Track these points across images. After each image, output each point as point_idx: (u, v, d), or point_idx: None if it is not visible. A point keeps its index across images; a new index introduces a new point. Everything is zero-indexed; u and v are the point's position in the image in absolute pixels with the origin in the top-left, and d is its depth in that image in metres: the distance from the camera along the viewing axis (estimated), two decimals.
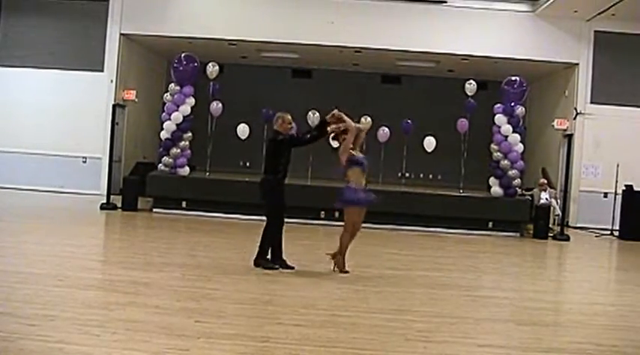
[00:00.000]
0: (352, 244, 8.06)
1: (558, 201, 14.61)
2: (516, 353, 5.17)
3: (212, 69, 14.74)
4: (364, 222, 8.00)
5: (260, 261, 7.87)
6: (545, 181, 14.86)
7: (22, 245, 8.71)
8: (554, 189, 15.32)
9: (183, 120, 13.60)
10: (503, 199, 13.64)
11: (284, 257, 7.95)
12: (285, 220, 8.05)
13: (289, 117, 8.11)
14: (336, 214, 8.13)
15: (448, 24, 16.01)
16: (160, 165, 13.85)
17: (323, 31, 15.96)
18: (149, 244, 9.77)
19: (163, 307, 5.78)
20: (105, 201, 13.54)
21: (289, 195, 13.62)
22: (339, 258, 7.86)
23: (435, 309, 6.49)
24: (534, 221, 13.50)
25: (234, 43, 16.76)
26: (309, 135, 8.08)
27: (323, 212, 12.59)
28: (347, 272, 7.83)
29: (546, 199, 14.09)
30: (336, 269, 7.85)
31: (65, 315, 5.27)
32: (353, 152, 7.79)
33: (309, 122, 15.72)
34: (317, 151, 13.78)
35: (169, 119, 13.61)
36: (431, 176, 20.06)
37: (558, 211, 14.20)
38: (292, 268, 7.85)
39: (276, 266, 7.81)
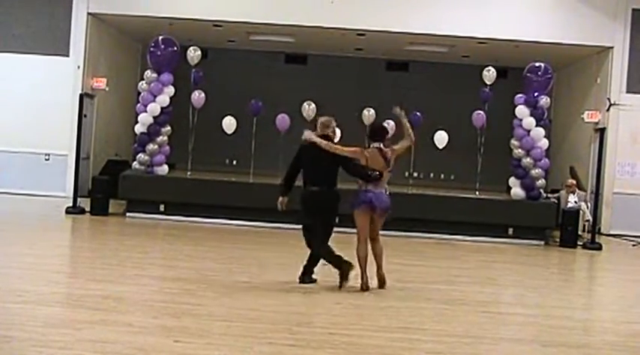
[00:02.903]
0: (351, 252, 8.07)
1: (589, 204, 14.63)
2: None
3: (194, 54, 14.73)
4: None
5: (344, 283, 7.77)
6: (574, 182, 14.89)
7: None
8: (585, 190, 15.34)
9: (161, 112, 13.59)
10: (526, 202, 13.65)
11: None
12: (280, 225, 8.12)
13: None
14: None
15: (463, 3, 15.98)
16: (135, 163, 13.84)
17: (321, 11, 15.93)
18: (122, 253, 9.75)
19: (138, 325, 5.77)
20: (71, 204, 13.51)
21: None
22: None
23: (448, 328, 6.49)
24: (561, 227, 13.51)
25: (220, 24, 16.73)
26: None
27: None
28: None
29: (575, 202, 14.12)
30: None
31: (24, 336, 5.26)
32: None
33: (305, 114, 15.71)
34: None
35: (145, 111, 13.60)
36: (443, 176, 20.08)
37: (588, 216, 14.22)
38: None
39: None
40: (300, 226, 7.99)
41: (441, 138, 16.14)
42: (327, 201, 7.82)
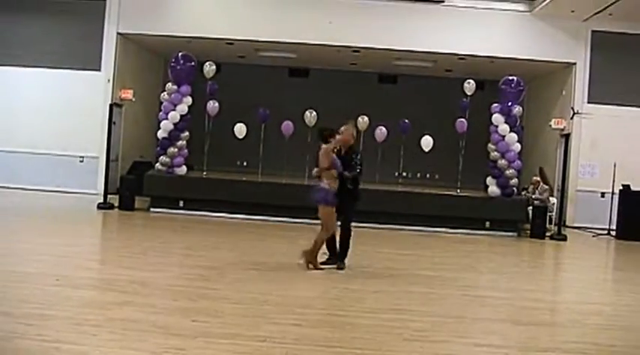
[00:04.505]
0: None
1: (550, 199, 14.69)
2: (514, 353, 5.17)
3: (209, 68, 14.70)
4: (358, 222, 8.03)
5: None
6: (538, 179, 14.92)
7: (18, 244, 8.69)
8: (547, 184, 15.35)
9: (181, 120, 13.59)
10: (501, 199, 13.63)
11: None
12: (285, 219, 8.18)
13: (344, 128, 8.23)
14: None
15: (445, 24, 16.02)
16: (157, 164, 13.82)
17: (320, 30, 15.95)
18: (146, 243, 9.75)
19: (160, 306, 5.78)
20: (102, 201, 13.50)
21: (288, 195, 13.63)
22: (308, 254, 7.93)
23: (433, 309, 6.50)
24: (531, 220, 13.51)
25: (232, 42, 16.73)
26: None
27: None
28: (321, 269, 7.94)
29: (540, 194, 14.22)
30: (308, 265, 7.91)
31: (62, 315, 5.27)
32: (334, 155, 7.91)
33: (307, 121, 15.72)
34: (314, 150, 13.75)
35: (166, 118, 13.59)
36: (428, 175, 20.06)
37: (553, 201, 14.30)
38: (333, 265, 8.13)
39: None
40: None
41: (426, 143, 16.13)
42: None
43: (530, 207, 13.68)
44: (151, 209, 13.54)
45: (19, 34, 16.40)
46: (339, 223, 8.06)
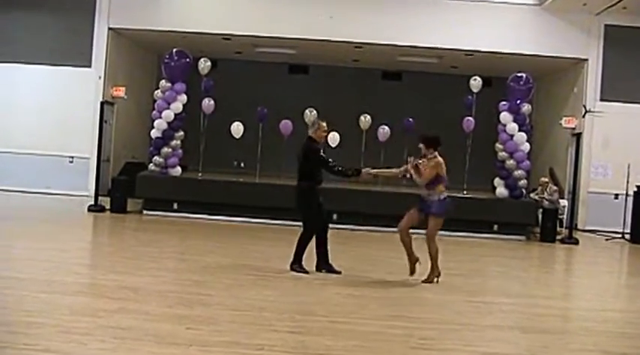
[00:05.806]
0: (351, 247, 8.12)
1: (561, 201, 14.72)
2: None
3: (204, 65, 14.72)
4: (361, 225, 8.05)
5: (294, 266, 8.08)
6: (546, 180, 14.93)
7: (6, 248, 8.71)
8: (556, 185, 15.36)
9: (175, 118, 13.60)
10: (509, 201, 13.64)
11: (330, 261, 8.19)
12: (284, 223, 8.16)
13: (324, 124, 8.31)
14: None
15: (451, 18, 16.01)
16: (151, 165, 13.84)
17: (321, 25, 15.95)
18: (139, 248, 9.76)
19: (154, 313, 5.78)
20: (93, 203, 13.51)
21: (287, 197, 13.58)
22: (434, 271, 8.12)
23: (438, 316, 6.50)
24: (541, 223, 13.50)
25: (229, 37, 16.75)
26: (340, 168, 8.19)
27: (335, 215, 12.50)
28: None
29: (549, 195, 14.26)
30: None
31: (51, 322, 5.27)
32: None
33: (306, 120, 15.71)
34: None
35: (160, 117, 13.60)
36: None
37: (563, 205, 14.31)
38: (339, 272, 8.08)
39: (307, 270, 8.02)
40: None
41: None
42: (295, 192, 8.32)
43: (540, 210, 13.69)
44: (144, 211, 13.55)
45: (5, 30, 16.41)
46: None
